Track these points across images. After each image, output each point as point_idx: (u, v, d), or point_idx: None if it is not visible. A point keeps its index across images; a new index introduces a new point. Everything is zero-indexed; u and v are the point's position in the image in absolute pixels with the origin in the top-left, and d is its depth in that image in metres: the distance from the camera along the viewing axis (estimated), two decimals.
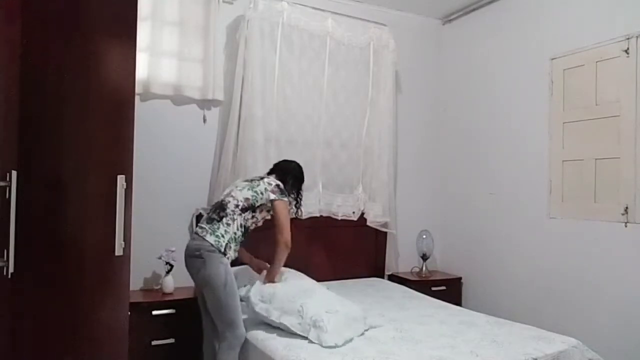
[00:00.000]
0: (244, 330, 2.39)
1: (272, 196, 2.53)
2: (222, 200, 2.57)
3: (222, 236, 2.43)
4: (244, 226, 2.53)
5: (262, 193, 2.54)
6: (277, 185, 2.59)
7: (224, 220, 2.47)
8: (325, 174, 3.62)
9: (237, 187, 2.61)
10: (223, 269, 2.38)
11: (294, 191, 2.83)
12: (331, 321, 2.22)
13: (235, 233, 2.48)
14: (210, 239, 2.41)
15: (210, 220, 2.51)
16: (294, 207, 2.85)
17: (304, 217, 3.13)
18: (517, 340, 2.26)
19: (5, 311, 1.41)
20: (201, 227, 2.51)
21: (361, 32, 3.76)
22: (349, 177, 3.74)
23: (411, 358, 2.03)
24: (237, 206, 2.50)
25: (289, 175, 2.79)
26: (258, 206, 2.54)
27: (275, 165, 2.87)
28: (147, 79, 3.08)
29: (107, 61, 1.56)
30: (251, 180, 2.64)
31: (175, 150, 3.23)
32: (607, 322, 2.84)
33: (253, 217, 2.56)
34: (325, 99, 3.60)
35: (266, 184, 2.58)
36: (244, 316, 2.49)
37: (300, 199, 2.91)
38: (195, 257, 2.41)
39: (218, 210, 2.53)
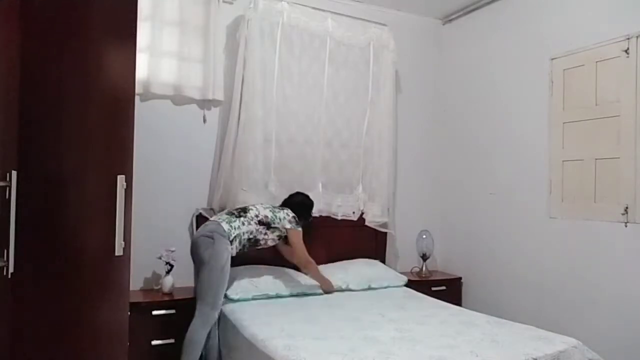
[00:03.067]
0: (218, 314, 2.67)
1: (288, 225, 2.93)
2: (247, 206, 2.96)
3: (235, 229, 2.75)
4: (254, 237, 2.84)
5: (280, 219, 2.92)
6: (294, 217, 2.99)
7: (242, 219, 2.81)
8: (325, 174, 3.62)
9: (262, 204, 3.00)
10: (227, 254, 2.67)
11: (306, 218, 3.20)
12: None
13: (243, 234, 2.78)
14: (225, 226, 2.73)
15: (230, 213, 2.86)
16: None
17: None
18: (517, 340, 2.26)
19: (5, 311, 1.41)
20: (219, 216, 2.84)
21: (361, 32, 3.76)
22: (349, 177, 3.74)
23: (411, 358, 2.02)
24: (256, 216, 2.86)
25: (303, 208, 3.16)
26: (272, 227, 2.89)
27: (287, 200, 3.19)
28: (147, 79, 3.08)
29: (107, 61, 1.56)
30: (274, 206, 3.05)
31: (175, 150, 3.23)
32: (607, 322, 2.84)
33: (265, 234, 2.88)
34: (325, 99, 3.60)
35: (285, 213, 2.96)
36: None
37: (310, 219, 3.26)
38: (206, 237, 2.69)
39: (240, 210, 2.90)
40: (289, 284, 3.07)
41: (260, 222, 2.86)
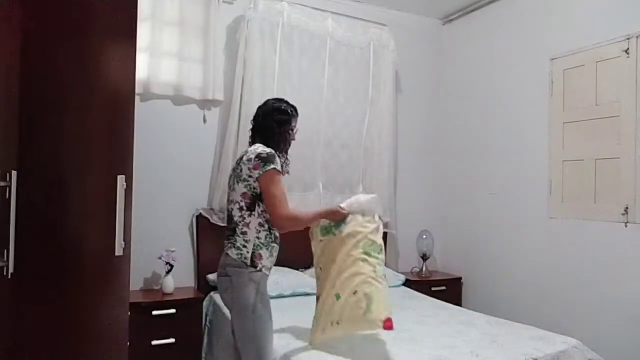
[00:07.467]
0: None
1: (256, 173, 2.01)
2: (229, 209, 2.14)
3: (244, 246, 2.02)
4: (267, 223, 2.06)
5: (249, 177, 2.03)
6: (258, 156, 2.03)
7: (237, 230, 2.05)
8: (325, 174, 3.62)
9: (230, 187, 2.17)
10: (253, 288, 1.97)
11: (285, 138, 2.26)
12: None
13: (257, 238, 2.03)
14: (233, 253, 2.03)
15: (228, 233, 2.12)
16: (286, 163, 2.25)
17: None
18: (517, 340, 2.26)
19: (5, 311, 1.41)
20: (225, 241, 2.13)
21: (361, 32, 3.76)
22: (349, 177, 3.74)
23: (411, 358, 2.02)
24: (241, 208, 2.05)
25: (269, 130, 2.18)
26: (260, 192, 2.04)
27: (253, 126, 2.25)
28: (147, 79, 3.08)
29: (107, 61, 1.56)
30: (234, 169, 2.16)
31: (175, 150, 3.23)
32: (607, 322, 2.84)
33: (252, 211, 2.05)
34: (325, 99, 3.60)
35: (246, 162, 2.05)
36: None
37: (289, 139, 2.31)
38: (222, 276, 2.07)
39: (229, 221, 2.14)
40: (290, 284, 3.08)
41: (249, 207, 2.06)
